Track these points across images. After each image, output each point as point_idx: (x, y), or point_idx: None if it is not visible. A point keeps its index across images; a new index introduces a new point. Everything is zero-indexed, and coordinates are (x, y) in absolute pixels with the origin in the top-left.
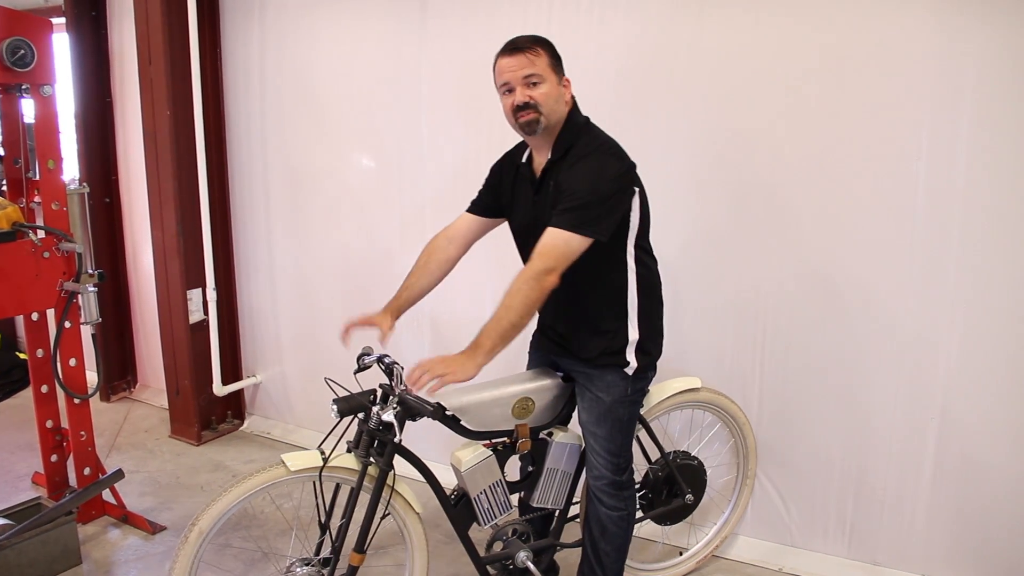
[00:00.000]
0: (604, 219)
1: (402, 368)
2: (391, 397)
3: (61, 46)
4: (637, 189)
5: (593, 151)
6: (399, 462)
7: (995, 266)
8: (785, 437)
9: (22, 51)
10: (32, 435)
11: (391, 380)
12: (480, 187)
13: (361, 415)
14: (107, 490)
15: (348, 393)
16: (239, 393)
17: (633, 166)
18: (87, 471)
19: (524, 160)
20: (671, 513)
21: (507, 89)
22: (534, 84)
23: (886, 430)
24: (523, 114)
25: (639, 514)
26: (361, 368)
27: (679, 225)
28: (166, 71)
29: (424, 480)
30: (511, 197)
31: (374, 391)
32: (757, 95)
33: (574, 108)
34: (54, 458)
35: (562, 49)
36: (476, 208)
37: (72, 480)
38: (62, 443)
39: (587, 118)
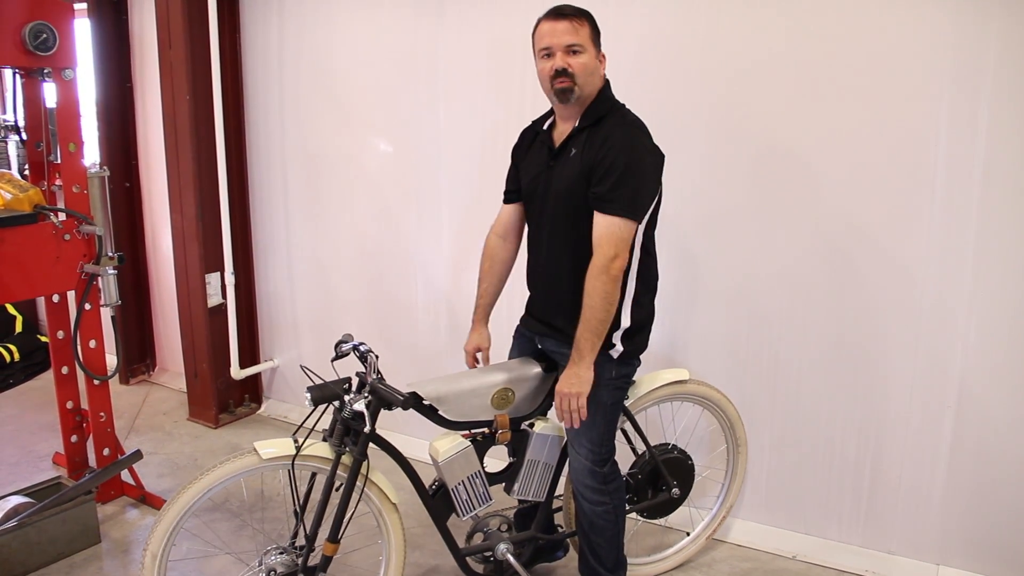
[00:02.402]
0: (646, 199)
1: (376, 356)
2: (364, 386)
3: (83, 31)
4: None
5: (629, 125)
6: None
7: (1015, 250)
8: (800, 424)
9: (44, 35)
10: (53, 416)
11: (365, 368)
12: (505, 176)
13: (336, 404)
14: (126, 471)
15: (323, 381)
16: (256, 377)
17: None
18: (106, 452)
19: (545, 128)
20: (658, 507)
21: (546, 54)
22: (574, 53)
23: (902, 418)
24: (559, 81)
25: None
26: (338, 356)
27: (693, 202)
28: (186, 56)
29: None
30: (524, 159)
31: (349, 379)
32: (775, 73)
33: (607, 85)
34: (74, 439)
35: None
36: (512, 197)
37: (92, 460)
38: (82, 424)
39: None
